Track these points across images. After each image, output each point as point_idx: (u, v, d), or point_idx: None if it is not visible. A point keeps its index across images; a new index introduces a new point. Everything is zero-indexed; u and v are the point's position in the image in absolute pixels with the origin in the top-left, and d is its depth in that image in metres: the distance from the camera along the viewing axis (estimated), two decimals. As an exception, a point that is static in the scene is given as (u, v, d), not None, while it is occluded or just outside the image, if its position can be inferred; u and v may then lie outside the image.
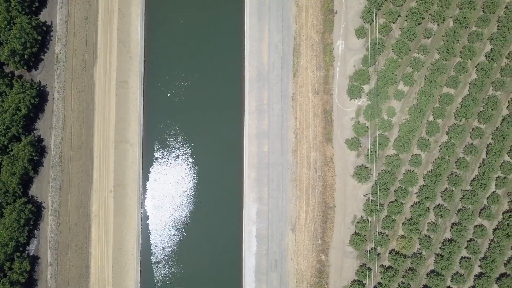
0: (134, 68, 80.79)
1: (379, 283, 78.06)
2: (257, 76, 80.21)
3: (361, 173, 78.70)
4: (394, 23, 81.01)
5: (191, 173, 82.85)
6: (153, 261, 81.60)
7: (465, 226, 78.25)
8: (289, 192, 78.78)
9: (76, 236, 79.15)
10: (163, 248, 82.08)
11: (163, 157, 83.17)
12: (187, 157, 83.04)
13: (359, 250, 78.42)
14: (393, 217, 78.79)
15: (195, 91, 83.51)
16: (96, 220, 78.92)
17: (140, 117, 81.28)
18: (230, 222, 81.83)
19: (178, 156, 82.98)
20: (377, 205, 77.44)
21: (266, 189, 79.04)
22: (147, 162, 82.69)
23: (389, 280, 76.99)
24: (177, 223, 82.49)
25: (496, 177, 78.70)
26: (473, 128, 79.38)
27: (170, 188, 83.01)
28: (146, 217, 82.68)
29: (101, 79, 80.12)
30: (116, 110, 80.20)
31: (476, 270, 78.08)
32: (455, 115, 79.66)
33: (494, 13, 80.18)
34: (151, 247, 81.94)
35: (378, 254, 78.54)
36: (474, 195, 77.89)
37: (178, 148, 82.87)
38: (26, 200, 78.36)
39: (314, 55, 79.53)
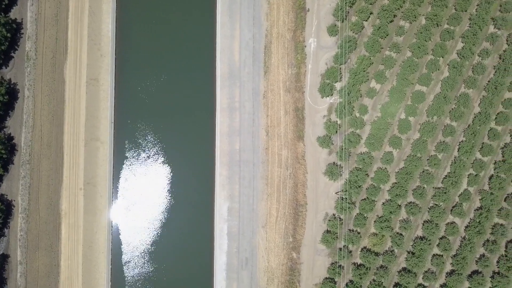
0: (105, 66, 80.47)
1: (350, 281, 78.01)
2: (229, 74, 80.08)
3: (332, 171, 78.65)
4: (366, 20, 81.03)
5: (162, 171, 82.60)
6: (124, 259, 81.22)
7: (437, 224, 78.33)
8: (260, 190, 78.67)
9: (46, 234, 78.73)
10: (134, 246, 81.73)
11: (134, 155, 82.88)
12: (159, 155, 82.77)
13: (330, 248, 78.34)
14: (365, 215, 78.77)
15: (166, 89, 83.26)
16: (66, 218, 78.54)
17: (111, 115, 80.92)
18: (202, 220, 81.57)
19: (149, 154, 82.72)
20: (348, 202, 77.39)
21: (237, 187, 78.88)
22: (118, 160, 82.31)
23: (360, 278, 76.95)
24: (148, 221, 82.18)
25: (468, 175, 78.81)
26: (445, 126, 79.47)
27: (142, 186, 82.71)
28: (117, 215, 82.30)
29: (71, 76, 79.73)
30: (86, 108, 79.84)
31: (448, 267, 78.16)
32: (427, 112, 79.73)
33: (466, 11, 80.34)
34: (122, 245, 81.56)
35: (350, 251, 78.50)
36: (445, 193, 77.97)
37: (149, 146, 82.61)
38: (-4, 198, 78.21)
39: (286, 52, 79.47)
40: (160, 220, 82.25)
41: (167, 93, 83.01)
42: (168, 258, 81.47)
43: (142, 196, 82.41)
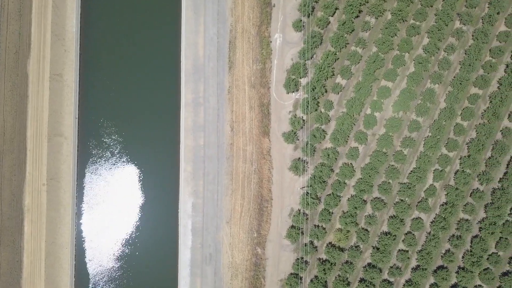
0: (69, 61, 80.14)
1: (315, 277, 77.86)
2: (193, 69, 79.86)
3: (297, 166, 78.52)
4: (332, 16, 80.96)
5: (127, 167, 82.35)
6: (88, 255, 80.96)
7: (402, 219, 78.29)
8: (224, 186, 78.47)
9: (8, 230, 78.31)
10: (99, 242, 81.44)
11: (99, 151, 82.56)
12: (124, 151, 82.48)
13: (295, 243, 78.19)
14: (330, 210, 78.68)
15: (131, 84, 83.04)
16: (29, 214, 78.18)
17: (75, 111, 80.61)
18: (167, 216, 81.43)
19: (114, 150, 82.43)
20: (312, 198, 77.24)
21: (201, 183, 78.66)
22: (83, 156, 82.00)
23: (325, 273, 76.75)
24: (113, 217, 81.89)
25: (433, 170, 78.81)
26: (410, 121, 79.42)
27: (106, 182, 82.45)
28: (81, 211, 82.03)
29: (35, 72, 79.37)
30: (50, 103, 79.46)
31: (413, 263, 78.12)
32: (392, 108, 79.64)
33: (431, 6, 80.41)
34: (86, 242, 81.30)
35: (315, 247, 78.35)
36: (410, 188, 77.97)
37: (114, 142, 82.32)
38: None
39: (251, 48, 79.32)
40: (125, 216, 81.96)
41: (132, 88, 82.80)
42: (133, 254, 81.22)
43: (106, 192, 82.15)
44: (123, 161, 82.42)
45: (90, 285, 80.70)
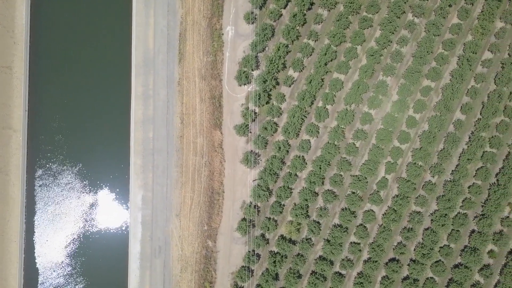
0: (18, 54, 79.57)
1: (267, 269, 77.59)
2: (143, 62, 79.46)
3: (249, 159, 78.24)
4: (284, 8, 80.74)
5: (78, 159, 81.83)
6: (37, 248, 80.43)
7: (354, 211, 78.20)
8: (174, 178, 78.11)
9: (-45, 224, 77.93)
10: (49, 235, 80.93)
11: (49, 144, 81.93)
12: (75, 143, 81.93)
13: (246, 236, 77.87)
14: (282, 202, 78.46)
15: (82, 77, 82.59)
16: (-23, 207, 77.74)
17: (24, 103, 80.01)
18: (118, 209, 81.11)
19: (65, 143, 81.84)
20: (263, 190, 76.98)
21: (151, 176, 78.30)
22: (33, 149, 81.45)
23: (275, 266, 76.48)
24: (63, 210, 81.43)
25: (385, 162, 78.73)
26: (362, 114, 79.30)
27: (57, 175, 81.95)
28: (31, 205, 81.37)
29: (-17, 64, 78.95)
30: (-2, 96, 79.15)
31: (365, 255, 78.03)
32: (344, 100, 79.50)
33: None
34: (36, 235, 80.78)
35: (267, 240, 78.13)
36: (360, 180, 77.86)
37: (65, 134, 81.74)
38: None
39: (201, 40, 79.00)
40: (76, 209, 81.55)
41: (82, 81, 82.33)
42: (84, 248, 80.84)
43: (57, 185, 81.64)
44: (74, 155, 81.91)
45: (40, 279, 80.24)
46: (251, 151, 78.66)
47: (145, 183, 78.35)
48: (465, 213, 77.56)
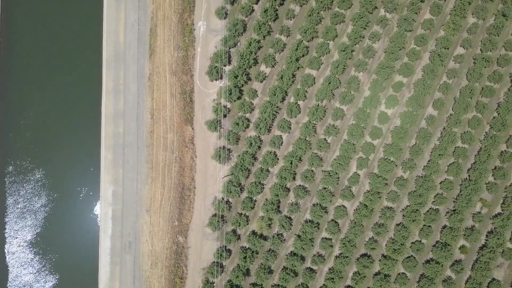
0: (-14, 49, 79.50)
1: (238, 265, 77.37)
2: (114, 56, 79.18)
3: (221, 154, 78.03)
4: (256, 3, 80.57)
5: (49, 154, 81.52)
6: (7, 243, 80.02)
7: (325, 207, 78.10)
8: (144, 174, 77.88)
9: None
10: (18, 232, 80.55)
11: (19, 139, 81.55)
12: (45, 138, 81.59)
13: (217, 232, 77.67)
14: (253, 198, 78.32)
15: (53, 71, 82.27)
16: None
17: (-6, 98, 79.92)
18: (89, 204, 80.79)
19: (35, 138, 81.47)
20: (235, 185, 76.78)
21: (121, 171, 78.02)
22: (1, 146, 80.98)
23: (245, 261, 76.29)
24: (34, 205, 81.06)
25: (357, 158, 78.66)
26: (334, 109, 79.19)
27: (27, 170, 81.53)
28: (0, 202, 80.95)
29: (-49, 59, 78.54)
30: (-33, 91, 78.78)
31: (337, 251, 77.89)
32: (316, 96, 79.38)
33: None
34: (6, 230, 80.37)
35: (238, 235, 77.93)
36: (331, 176, 77.74)
37: (35, 128, 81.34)
38: None
39: (172, 35, 78.77)
40: (47, 204, 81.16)
41: (54, 76, 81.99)
42: (54, 244, 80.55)
43: (28, 181, 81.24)
44: (45, 149, 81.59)
45: (9, 276, 79.82)
46: (223, 146, 78.46)
47: (115, 178, 78.07)
48: (437, 208, 77.54)
